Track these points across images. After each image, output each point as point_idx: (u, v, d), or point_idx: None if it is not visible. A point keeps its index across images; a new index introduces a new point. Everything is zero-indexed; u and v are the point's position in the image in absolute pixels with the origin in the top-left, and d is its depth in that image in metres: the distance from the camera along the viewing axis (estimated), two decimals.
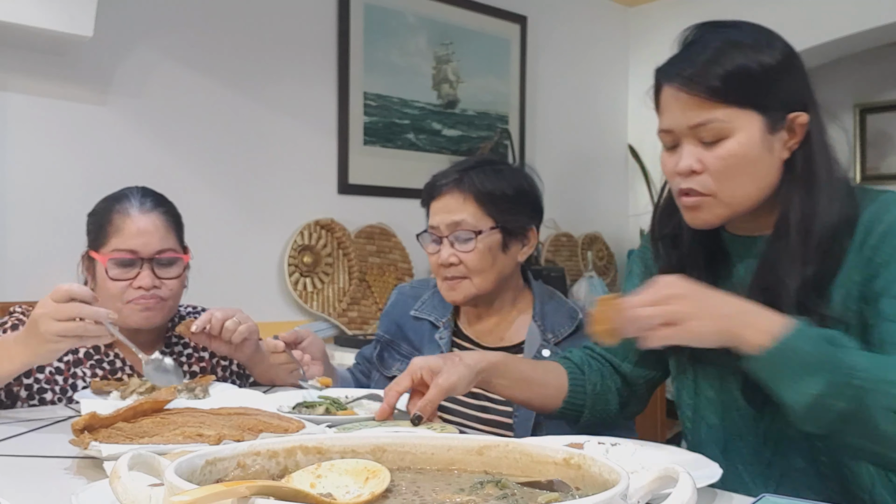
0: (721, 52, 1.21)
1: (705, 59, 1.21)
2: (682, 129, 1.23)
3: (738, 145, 1.20)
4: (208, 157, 3.04)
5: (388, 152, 3.56)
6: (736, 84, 1.19)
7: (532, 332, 1.75)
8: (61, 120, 2.72)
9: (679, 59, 1.26)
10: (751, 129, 1.20)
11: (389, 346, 1.89)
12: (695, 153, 1.23)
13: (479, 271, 1.73)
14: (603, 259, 4.42)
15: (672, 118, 1.25)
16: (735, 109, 1.19)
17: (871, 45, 3.99)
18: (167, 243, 1.74)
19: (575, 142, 4.32)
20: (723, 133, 1.20)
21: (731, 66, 1.19)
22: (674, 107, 1.24)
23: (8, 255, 2.61)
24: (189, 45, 2.99)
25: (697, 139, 1.22)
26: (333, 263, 3.38)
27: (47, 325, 1.36)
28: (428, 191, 1.80)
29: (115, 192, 1.79)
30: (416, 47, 3.65)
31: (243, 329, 1.71)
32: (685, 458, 1.15)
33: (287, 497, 0.56)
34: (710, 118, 1.20)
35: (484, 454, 0.73)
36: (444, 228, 1.74)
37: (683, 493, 0.61)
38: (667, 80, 1.26)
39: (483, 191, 1.72)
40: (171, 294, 1.75)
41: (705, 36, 1.26)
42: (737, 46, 1.21)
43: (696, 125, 1.21)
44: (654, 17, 4.46)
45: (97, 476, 1.05)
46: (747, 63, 1.19)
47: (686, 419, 1.41)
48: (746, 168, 1.21)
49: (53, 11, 2.42)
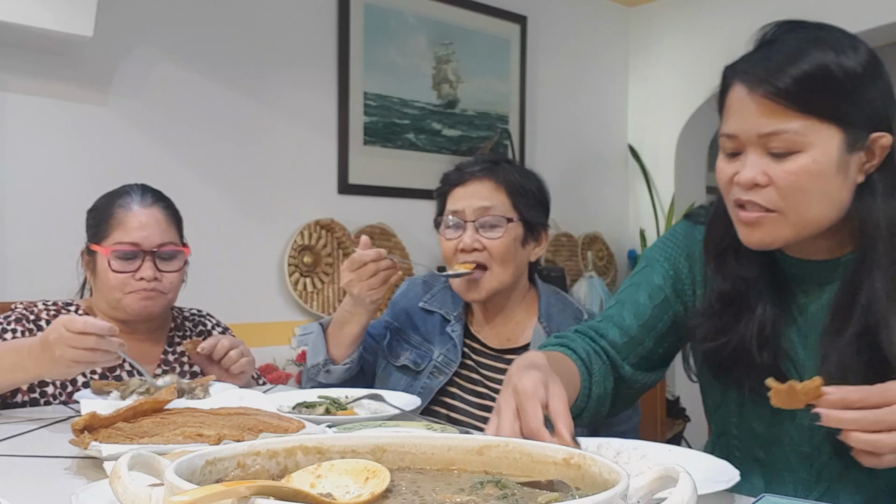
0: (802, 52, 1.09)
1: (783, 58, 1.09)
2: (749, 135, 1.11)
3: (812, 162, 1.08)
4: (208, 157, 3.04)
5: (388, 152, 3.56)
6: (816, 90, 1.07)
7: (538, 333, 1.75)
8: (61, 120, 2.72)
9: (755, 57, 1.14)
10: (828, 146, 1.08)
11: (398, 334, 1.88)
12: (760, 164, 1.10)
13: (503, 260, 1.73)
14: (603, 259, 4.42)
15: (740, 122, 1.12)
16: (813, 121, 1.07)
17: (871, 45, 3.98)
18: (168, 237, 1.77)
19: (575, 142, 4.32)
20: (796, 146, 1.08)
21: (812, 69, 1.07)
22: (744, 110, 1.11)
23: (8, 255, 2.61)
24: (189, 45, 2.99)
25: (765, 149, 1.10)
26: (333, 263, 3.38)
27: (62, 351, 1.38)
28: (453, 177, 1.80)
29: (116, 189, 1.82)
30: (416, 47, 3.65)
31: (244, 362, 1.76)
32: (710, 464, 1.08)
33: (287, 497, 0.56)
34: (785, 128, 1.08)
35: (484, 454, 0.72)
36: (470, 213, 1.74)
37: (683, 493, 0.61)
38: (739, 79, 1.13)
39: (515, 182, 1.76)
40: (171, 287, 1.78)
41: (785, 35, 1.15)
42: (819, 47, 1.10)
43: (768, 134, 1.09)
44: (654, 17, 4.46)
45: (97, 476, 1.05)
46: (829, 66, 1.08)
47: (721, 446, 1.33)
48: (817, 188, 1.09)
49: (53, 11, 2.42)
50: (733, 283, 1.23)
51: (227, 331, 1.99)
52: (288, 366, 3.16)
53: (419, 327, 1.86)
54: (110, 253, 1.72)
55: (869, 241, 1.12)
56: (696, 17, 4.23)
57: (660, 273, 1.35)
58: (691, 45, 4.20)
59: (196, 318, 1.96)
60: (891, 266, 1.10)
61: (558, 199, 4.24)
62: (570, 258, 4.26)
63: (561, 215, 4.22)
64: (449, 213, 1.78)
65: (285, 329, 3.25)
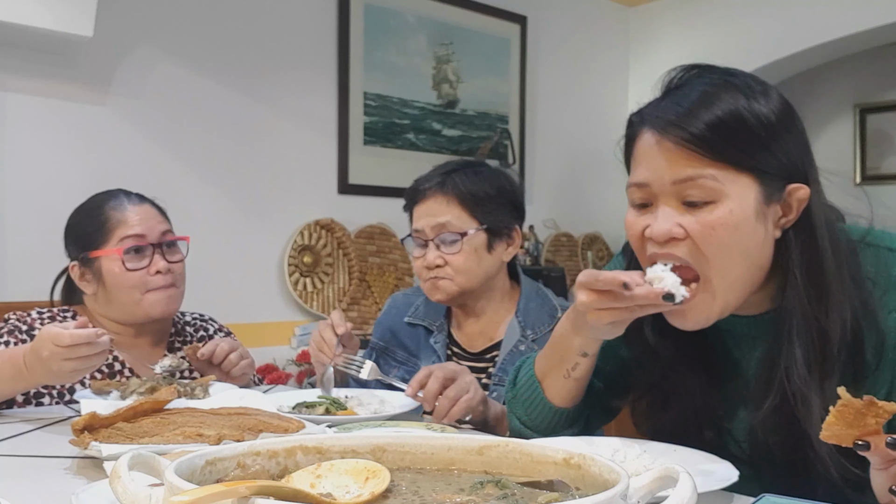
0: (713, 96, 1.03)
1: (693, 103, 1.03)
2: (662, 183, 1.03)
3: (730, 213, 1.01)
4: (208, 157, 3.04)
5: (388, 152, 3.56)
6: (730, 136, 1.01)
7: (512, 328, 1.77)
8: (61, 120, 2.72)
9: (663, 103, 1.08)
10: (745, 197, 1.01)
11: (385, 352, 1.90)
12: (674, 216, 1.03)
13: (465, 272, 1.73)
14: (603, 259, 4.42)
15: (651, 170, 1.05)
16: (728, 170, 1.01)
17: (871, 45, 3.99)
18: (167, 226, 1.79)
19: (575, 142, 4.31)
20: (713, 195, 1.01)
21: (724, 114, 1.01)
22: (654, 157, 1.04)
23: (8, 255, 2.61)
24: (189, 46, 2.99)
25: (679, 199, 1.03)
26: (333, 263, 3.38)
27: (60, 366, 1.39)
28: (410, 195, 1.83)
29: (97, 195, 1.81)
30: (416, 47, 3.65)
31: (244, 364, 1.76)
32: (709, 464, 1.09)
33: (287, 497, 0.56)
34: (701, 173, 1.01)
35: (484, 454, 0.72)
36: (428, 231, 1.75)
37: (683, 493, 0.61)
38: (649, 126, 1.06)
39: (466, 192, 1.74)
40: (181, 279, 1.79)
41: (694, 80, 1.08)
42: (729, 92, 1.04)
43: (683, 180, 1.02)
44: (654, 17, 4.47)
45: (97, 476, 1.05)
46: (742, 112, 1.02)
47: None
48: (736, 242, 1.01)
49: (53, 11, 2.42)
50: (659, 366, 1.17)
51: (230, 335, 1.99)
52: (288, 366, 3.16)
53: (405, 343, 1.88)
54: (122, 252, 1.70)
55: (788, 300, 1.05)
56: (696, 17, 4.23)
57: None
58: (691, 45, 4.20)
59: (197, 323, 1.95)
60: (810, 329, 1.04)
61: (558, 199, 4.28)
62: (570, 258, 4.26)
63: (561, 215, 4.22)
64: (413, 233, 1.81)
65: (285, 329, 3.25)
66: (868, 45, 3.98)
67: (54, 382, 1.48)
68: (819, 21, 3.75)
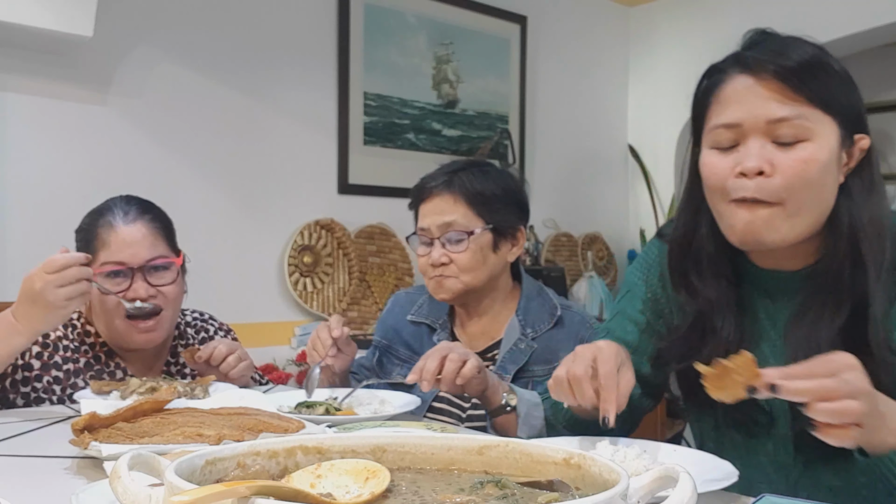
0: (800, 43, 1.10)
1: (783, 46, 1.09)
2: (756, 122, 1.07)
3: (819, 150, 1.06)
4: (208, 157, 3.04)
5: (388, 152, 3.56)
6: (819, 76, 1.07)
7: (512, 326, 1.77)
8: (61, 120, 2.72)
9: (753, 51, 1.12)
10: (829, 137, 1.07)
11: (387, 351, 1.90)
12: (764, 153, 1.07)
13: (470, 270, 1.74)
14: (603, 259, 4.42)
15: (744, 110, 1.08)
16: (818, 111, 1.06)
17: (871, 45, 3.99)
18: (156, 251, 1.71)
19: (575, 142, 4.32)
20: (804, 133, 1.06)
21: (811, 57, 1.08)
22: (750, 97, 1.08)
23: (8, 255, 2.61)
24: (189, 45, 2.99)
25: (771, 137, 1.07)
26: (333, 263, 3.38)
27: (55, 294, 1.41)
28: (417, 193, 1.82)
29: (99, 206, 1.76)
30: (416, 47, 3.65)
31: (242, 366, 1.75)
32: (710, 464, 1.09)
33: (287, 497, 0.56)
34: (797, 113, 1.06)
35: (484, 454, 0.72)
36: (434, 230, 1.75)
37: (683, 493, 0.61)
38: (741, 69, 1.10)
39: (473, 191, 1.74)
40: (169, 302, 1.72)
41: (771, 35, 1.15)
42: (809, 43, 1.11)
43: (779, 120, 1.06)
44: (654, 17, 4.47)
45: (97, 476, 1.05)
46: (823, 58, 1.09)
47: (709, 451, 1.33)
48: (820, 180, 1.07)
49: (53, 11, 2.42)
50: (696, 304, 1.20)
51: (231, 333, 1.99)
52: (288, 366, 3.16)
53: (408, 341, 1.88)
54: (97, 276, 1.63)
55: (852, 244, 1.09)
56: (696, 17, 4.23)
57: (640, 298, 1.34)
58: (691, 45, 4.20)
59: (198, 324, 1.94)
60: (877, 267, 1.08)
61: (558, 199, 4.28)
62: (570, 258, 4.26)
63: (561, 215, 4.22)
64: (418, 231, 1.81)
65: (285, 329, 3.25)
66: (868, 45, 3.98)
67: (50, 321, 1.46)
68: (819, 21, 3.75)
